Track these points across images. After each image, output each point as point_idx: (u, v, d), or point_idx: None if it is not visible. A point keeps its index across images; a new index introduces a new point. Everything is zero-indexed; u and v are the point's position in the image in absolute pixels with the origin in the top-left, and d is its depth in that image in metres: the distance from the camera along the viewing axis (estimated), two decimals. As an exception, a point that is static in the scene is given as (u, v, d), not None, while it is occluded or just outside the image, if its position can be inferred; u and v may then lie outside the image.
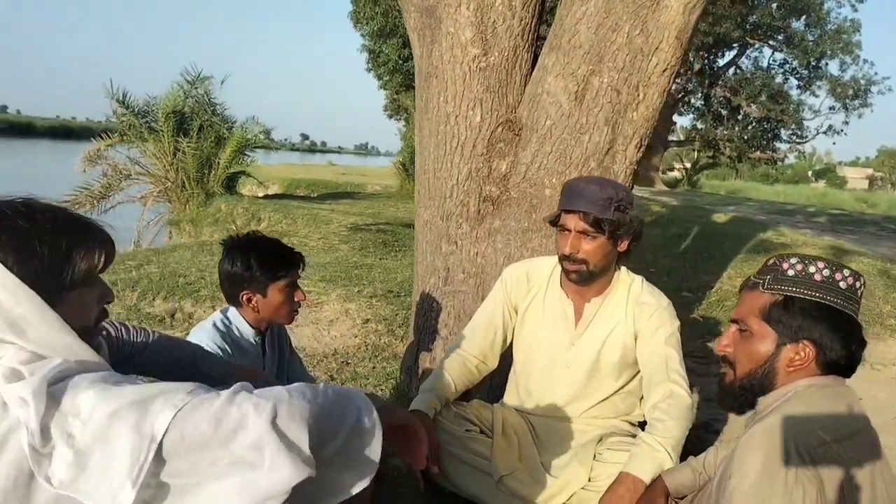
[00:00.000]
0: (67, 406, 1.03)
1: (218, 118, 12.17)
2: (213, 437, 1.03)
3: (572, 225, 2.26)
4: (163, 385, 1.07)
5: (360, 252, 8.09)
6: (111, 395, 1.04)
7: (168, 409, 1.03)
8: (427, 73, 3.07)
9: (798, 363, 1.44)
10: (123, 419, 1.01)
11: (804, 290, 1.42)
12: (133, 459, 1.00)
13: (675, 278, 6.22)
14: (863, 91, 26.55)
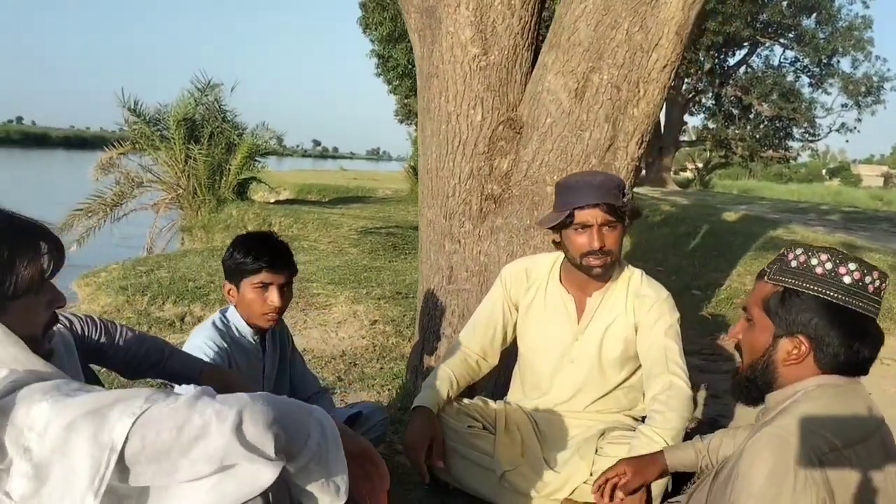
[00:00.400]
0: (21, 419, 1.00)
1: (228, 125, 12.22)
2: (175, 444, 1.02)
3: (596, 219, 2.23)
4: (119, 392, 1.05)
5: (370, 255, 8.12)
6: (66, 405, 1.01)
7: (126, 417, 1.01)
8: (428, 74, 3.09)
9: (794, 358, 1.40)
10: (80, 430, 0.99)
11: (803, 283, 1.38)
12: (93, 470, 0.98)
13: (684, 276, 6.20)
14: (875, 88, 26.36)
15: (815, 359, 1.39)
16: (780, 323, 1.42)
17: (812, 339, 1.38)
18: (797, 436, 1.27)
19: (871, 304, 1.37)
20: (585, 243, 2.25)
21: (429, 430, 2.32)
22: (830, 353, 1.37)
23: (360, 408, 2.62)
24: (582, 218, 2.24)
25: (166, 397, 1.06)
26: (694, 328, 4.76)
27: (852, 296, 1.35)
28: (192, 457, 1.02)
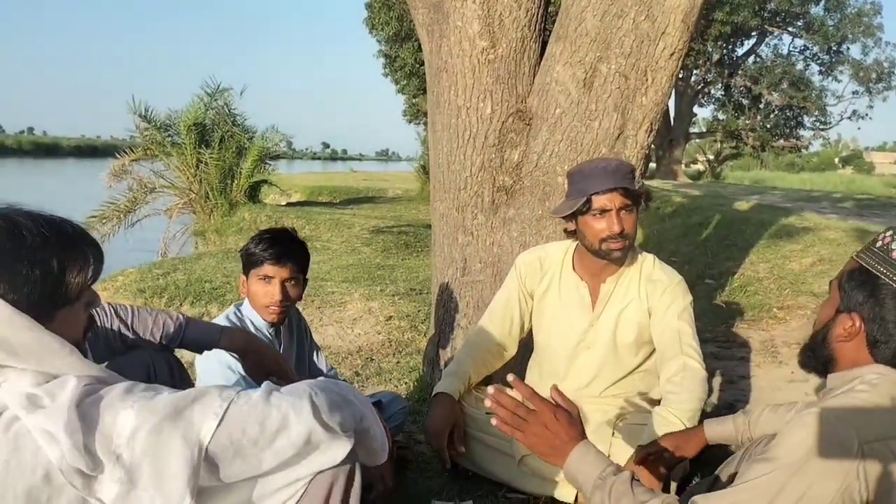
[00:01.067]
0: (108, 427, 1.03)
1: (239, 129, 12.32)
2: (260, 437, 1.10)
3: (614, 203, 2.25)
4: (191, 392, 1.11)
5: (383, 253, 8.17)
6: (150, 410, 1.05)
7: (210, 418, 1.07)
8: (437, 68, 3.13)
9: (845, 335, 1.38)
10: (169, 433, 1.04)
11: (875, 264, 1.35)
12: (189, 469, 1.04)
13: (697, 266, 6.21)
14: (886, 74, 26.15)
15: (867, 341, 1.36)
16: (845, 298, 1.40)
17: (865, 319, 1.35)
18: (845, 419, 1.25)
19: None
20: (605, 228, 2.27)
21: (450, 417, 2.35)
22: (880, 338, 1.34)
23: (380, 396, 2.66)
24: (600, 203, 2.26)
25: (237, 394, 1.13)
26: (708, 316, 4.77)
27: None
28: (276, 447, 1.11)
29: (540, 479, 2.32)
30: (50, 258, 1.10)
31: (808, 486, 1.22)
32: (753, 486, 1.27)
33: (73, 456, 0.99)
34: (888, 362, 1.34)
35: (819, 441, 1.23)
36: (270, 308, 2.31)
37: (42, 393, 1.04)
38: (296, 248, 2.37)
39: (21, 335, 1.05)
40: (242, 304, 2.41)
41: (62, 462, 1.00)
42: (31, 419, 1.01)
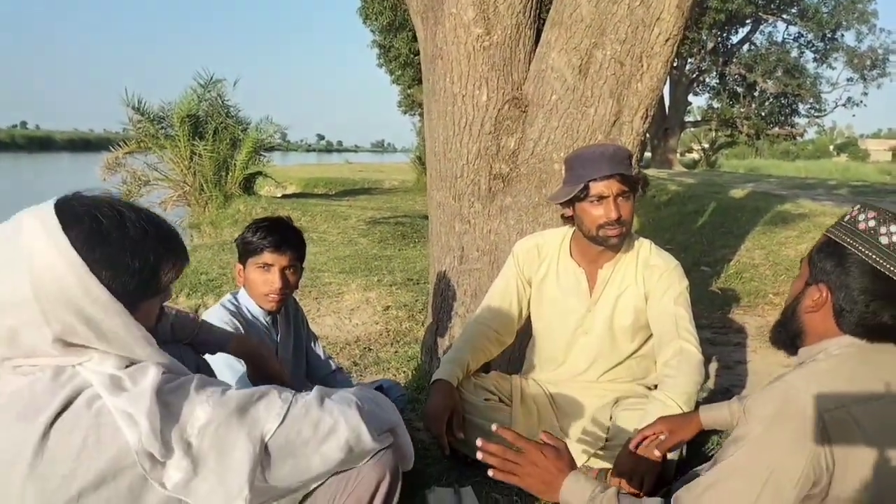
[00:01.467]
0: (185, 416, 1.09)
1: (232, 120, 12.29)
2: (312, 439, 1.17)
3: (612, 190, 2.26)
4: (255, 391, 1.17)
5: (380, 244, 8.17)
6: (222, 405, 1.11)
7: (273, 417, 1.14)
8: (432, 55, 3.12)
9: (813, 306, 1.39)
10: (236, 428, 1.10)
11: (843, 236, 1.37)
12: (251, 464, 1.10)
13: (693, 253, 6.22)
14: (881, 61, 26.15)
15: (833, 311, 1.37)
16: (813, 270, 1.42)
17: (832, 288, 1.37)
18: (804, 390, 1.27)
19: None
20: (602, 215, 2.28)
21: (449, 403, 2.36)
22: (845, 307, 1.35)
23: (381, 382, 2.67)
24: (597, 190, 2.26)
25: (294, 396, 1.20)
26: (704, 303, 4.78)
27: (885, 257, 1.32)
28: (325, 450, 1.18)
29: (539, 465, 2.33)
30: (149, 252, 1.15)
31: (777, 460, 1.24)
32: (726, 467, 1.30)
33: (149, 440, 1.03)
34: (853, 332, 1.36)
35: (782, 414, 1.26)
36: (270, 296, 2.32)
37: (125, 376, 1.08)
38: (293, 235, 2.37)
39: (112, 320, 1.09)
40: (238, 292, 2.41)
41: (139, 444, 1.04)
42: (114, 400, 1.05)
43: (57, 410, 1.04)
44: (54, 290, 1.05)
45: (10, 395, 1.06)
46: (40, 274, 1.05)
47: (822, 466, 1.23)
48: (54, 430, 1.03)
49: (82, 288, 1.06)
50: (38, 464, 1.01)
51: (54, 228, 1.07)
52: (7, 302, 1.05)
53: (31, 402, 1.04)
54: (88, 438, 1.03)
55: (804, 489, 1.24)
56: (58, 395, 1.05)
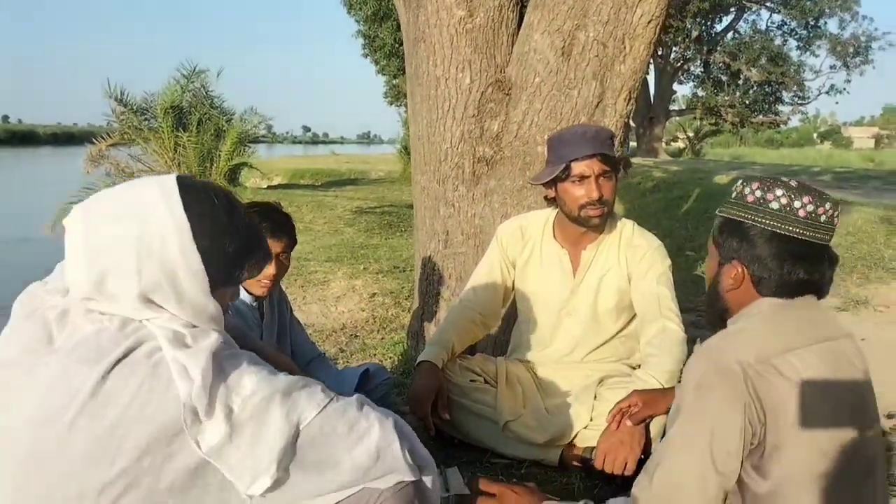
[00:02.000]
0: (233, 382, 1.12)
1: (216, 111, 12.18)
2: (346, 438, 1.18)
3: (593, 169, 2.26)
4: (300, 379, 1.19)
5: (366, 233, 8.16)
6: (269, 381, 1.14)
7: (313, 406, 1.16)
8: (415, 39, 3.11)
9: (733, 284, 1.44)
10: (278, 406, 1.12)
11: (737, 212, 1.44)
12: (282, 442, 1.11)
13: (678, 239, 6.26)
14: (863, 48, 26.31)
15: (753, 283, 1.42)
16: (722, 251, 1.47)
17: (745, 263, 1.42)
18: (726, 350, 1.32)
19: (805, 228, 1.39)
20: (583, 195, 2.28)
21: (434, 384, 2.37)
22: (762, 275, 1.40)
23: (367, 366, 2.67)
24: (579, 170, 2.27)
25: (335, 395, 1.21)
26: (688, 287, 4.81)
27: (781, 220, 1.38)
28: (356, 453, 1.18)
29: (524, 444, 2.34)
30: (243, 243, 1.23)
31: (714, 421, 1.29)
32: (671, 441, 1.34)
33: (198, 395, 1.07)
34: (775, 294, 1.41)
35: (709, 377, 1.31)
36: (263, 282, 2.29)
37: (188, 334, 1.13)
38: (286, 220, 2.35)
39: (195, 289, 1.15)
40: None
41: (188, 398, 1.07)
42: (173, 352, 1.09)
43: (118, 357, 1.08)
44: (156, 246, 1.12)
45: (77, 341, 1.11)
46: (148, 227, 1.12)
47: (756, 419, 1.28)
48: (113, 374, 1.07)
49: (181, 251, 1.13)
50: (93, 403, 1.05)
51: (171, 191, 1.15)
52: (109, 245, 1.12)
53: (96, 348, 1.09)
54: (143, 386, 1.07)
55: (747, 443, 1.29)
56: (121, 343, 1.10)
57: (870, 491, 1.37)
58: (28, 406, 1.07)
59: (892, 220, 5.91)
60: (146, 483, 1.06)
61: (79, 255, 1.14)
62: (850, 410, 1.34)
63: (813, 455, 1.29)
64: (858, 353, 1.43)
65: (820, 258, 1.41)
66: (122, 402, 1.06)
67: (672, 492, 1.31)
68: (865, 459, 1.36)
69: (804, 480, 1.29)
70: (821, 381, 1.31)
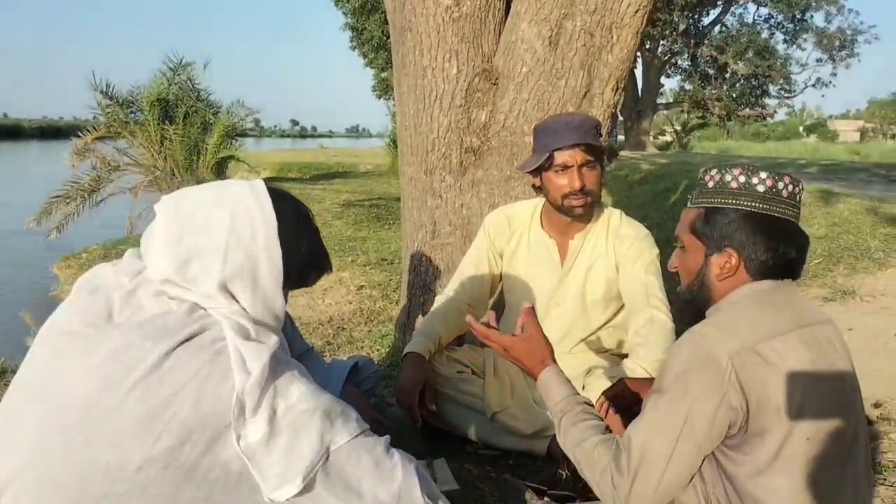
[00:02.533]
0: (282, 386, 1.15)
1: (203, 104, 12.13)
2: (370, 475, 1.20)
3: (576, 159, 2.25)
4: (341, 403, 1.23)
5: (354, 226, 8.13)
6: (314, 395, 1.18)
7: (346, 433, 1.19)
8: (401, 28, 3.08)
9: (727, 272, 1.44)
10: (318, 422, 1.15)
11: (722, 199, 1.43)
12: (313, 457, 1.13)
13: (666, 231, 6.24)
14: (849, 41, 26.46)
15: (745, 268, 1.43)
16: (708, 241, 1.46)
17: (739, 249, 1.42)
18: (711, 336, 1.32)
19: (788, 208, 1.42)
20: (566, 184, 2.27)
21: (420, 375, 2.35)
22: (759, 259, 1.41)
23: (356, 359, 2.65)
24: (562, 159, 2.25)
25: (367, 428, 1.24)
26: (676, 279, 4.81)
27: (768, 202, 1.41)
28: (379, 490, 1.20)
29: (512, 435, 2.33)
30: (314, 250, 1.32)
31: (689, 406, 1.30)
32: (647, 417, 1.35)
33: (252, 389, 1.10)
34: (765, 276, 1.43)
35: (691, 361, 1.31)
36: None
37: (252, 329, 1.17)
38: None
39: (270, 283, 1.22)
40: None
41: (241, 390, 1.09)
42: (237, 341, 1.13)
43: (183, 338, 1.12)
44: (246, 234, 1.19)
45: (144, 319, 1.16)
46: (239, 216, 1.20)
47: (736, 407, 1.28)
48: (176, 353, 1.11)
49: (266, 243, 1.20)
50: (151, 378, 1.08)
51: (261, 191, 1.24)
52: (203, 226, 1.19)
53: (163, 327, 1.14)
54: (202, 370, 1.10)
55: (718, 433, 1.30)
56: (188, 326, 1.14)
57: (852, 474, 1.37)
58: (86, 374, 1.10)
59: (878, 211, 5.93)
60: (185, 466, 1.08)
61: (170, 235, 1.19)
62: (833, 395, 1.35)
63: (796, 440, 1.29)
64: (839, 337, 1.44)
65: (800, 238, 1.43)
66: (179, 382, 1.09)
67: (642, 468, 1.32)
68: (848, 443, 1.36)
69: (787, 464, 1.29)
70: (804, 367, 1.32)
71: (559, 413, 1.54)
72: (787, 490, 1.30)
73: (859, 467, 1.40)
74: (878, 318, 3.94)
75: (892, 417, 2.78)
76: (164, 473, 1.07)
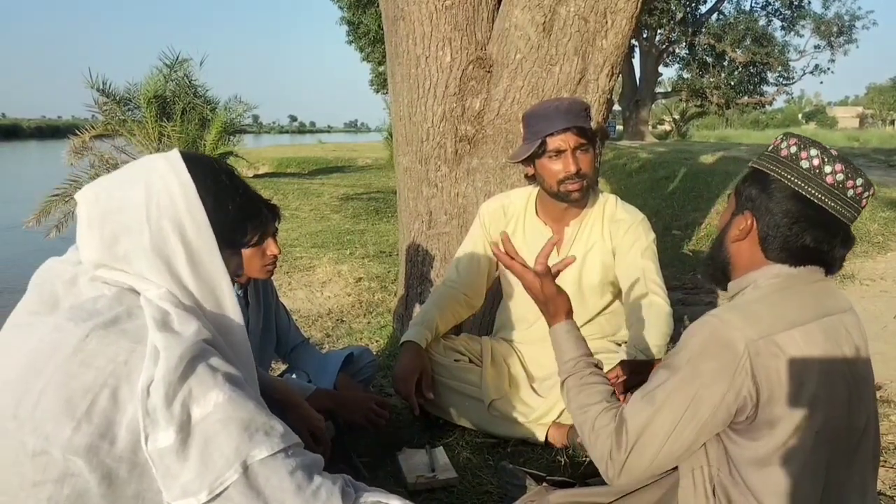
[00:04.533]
0: (199, 391, 1.08)
1: (200, 100, 12.05)
2: (292, 496, 1.10)
3: (568, 143, 2.23)
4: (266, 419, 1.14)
5: (352, 220, 8.12)
6: (234, 405, 1.10)
7: (266, 447, 1.10)
8: (394, 17, 3.06)
9: (739, 234, 1.40)
10: (233, 433, 1.08)
11: (767, 164, 1.39)
12: (224, 472, 1.06)
13: (664, 218, 6.25)
14: (847, 27, 26.32)
15: (759, 238, 1.38)
16: (738, 201, 1.44)
17: (756, 215, 1.38)
18: (730, 322, 1.29)
19: (845, 207, 1.34)
20: (561, 169, 2.26)
21: (418, 364, 2.35)
22: (771, 233, 1.36)
23: (351, 350, 2.64)
24: (554, 144, 2.24)
25: (296, 444, 1.16)
26: (676, 265, 4.81)
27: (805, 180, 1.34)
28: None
29: (510, 423, 2.33)
30: (246, 206, 1.31)
31: (697, 388, 1.28)
32: (654, 392, 1.33)
33: (156, 388, 1.04)
34: (778, 258, 1.38)
35: (707, 345, 1.29)
36: (268, 266, 2.17)
37: (175, 316, 1.13)
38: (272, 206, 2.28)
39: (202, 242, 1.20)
40: None
41: (146, 388, 1.05)
42: (155, 334, 1.09)
43: (108, 320, 1.11)
44: (164, 202, 1.18)
45: (73, 304, 1.15)
46: (155, 187, 1.18)
47: (746, 395, 1.26)
48: (98, 335, 1.09)
49: (187, 206, 1.18)
50: (73, 360, 1.07)
51: (175, 158, 1.23)
52: (121, 205, 1.18)
53: (90, 310, 1.13)
54: (120, 357, 1.07)
55: (723, 418, 1.28)
56: (115, 308, 1.13)
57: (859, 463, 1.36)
58: (19, 360, 1.10)
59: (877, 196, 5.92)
60: (108, 458, 1.04)
61: (92, 220, 1.18)
62: (846, 388, 1.32)
63: (806, 432, 1.27)
64: (859, 326, 1.40)
65: (834, 232, 1.35)
66: (98, 367, 1.06)
67: (640, 441, 1.32)
68: (858, 435, 1.35)
69: (795, 454, 1.28)
70: (821, 359, 1.29)
71: (566, 373, 1.54)
72: (788, 483, 1.28)
73: (867, 457, 1.38)
74: (878, 301, 3.93)
75: (891, 399, 2.78)
76: (90, 460, 1.03)
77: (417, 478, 2.12)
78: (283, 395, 2.09)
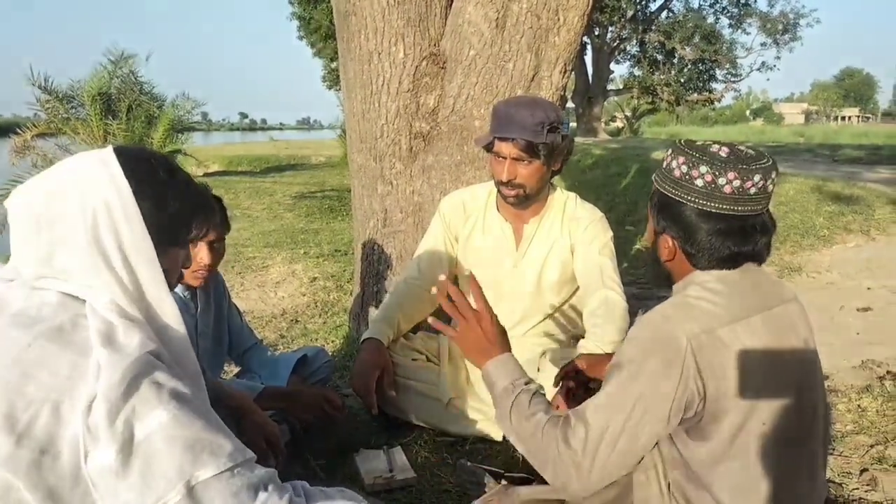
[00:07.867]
0: (143, 409, 1.04)
1: (147, 97, 11.80)
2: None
3: (507, 152, 2.24)
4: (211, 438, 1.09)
5: (306, 218, 8.02)
6: (179, 424, 1.06)
7: (212, 466, 1.06)
8: (345, 12, 3.02)
9: (667, 255, 1.43)
10: (176, 453, 1.04)
11: (665, 186, 1.40)
12: (165, 492, 1.02)
13: (617, 213, 6.32)
14: (792, 25, 27.04)
15: (685, 256, 1.41)
16: (655, 221, 1.46)
17: (675, 238, 1.40)
18: (673, 318, 1.31)
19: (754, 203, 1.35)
20: (499, 172, 2.29)
21: (379, 360, 2.32)
22: (695, 251, 1.38)
23: (305, 351, 2.59)
24: (497, 148, 2.27)
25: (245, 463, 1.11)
26: (629, 261, 4.86)
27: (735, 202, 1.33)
28: None
29: (468, 421, 2.32)
30: (187, 201, 1.23)
31: (644, 386, 1.29)
32: (602, 395, 1.34)
33: (98, 406, 1.01)
34: (709, 267, 1.40)
35: (652, 343, 1.30)
36: (198, 273, 2.14)
37: (121, 328, 1.09)
38: (218, 205, 2.15)
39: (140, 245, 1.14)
40: None
41: (88, 404, 1.01)
42: (99, 350, 1.05)
43: (53, 328, 1.07)
44: (100, 210, 1.12)
45: (17, 309, 1.10)
46: (90, 195, 1.12)
47: (693, 390, 1.27)
48: (41, 344, 1.05)
49: (123, 212, 1.13)
50: (14, 369, 1.03)
51: (108, 155, 1.17)
52: (55, 217, 1.12)
53: (34, 317, 1.08)
54: (62, 370, 1.03)
55: (675, 413, 1.29)
56: (59, 316, 1.09)
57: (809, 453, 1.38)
58: None
59: (822, 190, 6.08)
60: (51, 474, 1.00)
61: (26, 232, 1.14)
62: (793, 378, 1.35)
63: (753, 425, 1.29)
64: (803, 315, 1.42)
65: (750, 230, 1.37)
66: (41, 380, 1.02)
67: (591, 444, 1.31)
68: (807, 423, 1.37)
69: (743, 448, 1.29)
70: (765, 351, 1.31)
71: (498, 403, 1.50)
72: (741, 476, 1.30)
73: (817, 445, 1.40)
74: (824, 293, 4.03)
75: (838, 389, 2.85)
76: (29, 484, 0.99)
77: (375, 478, 2.09)
78: (236, 401, 2.04)
